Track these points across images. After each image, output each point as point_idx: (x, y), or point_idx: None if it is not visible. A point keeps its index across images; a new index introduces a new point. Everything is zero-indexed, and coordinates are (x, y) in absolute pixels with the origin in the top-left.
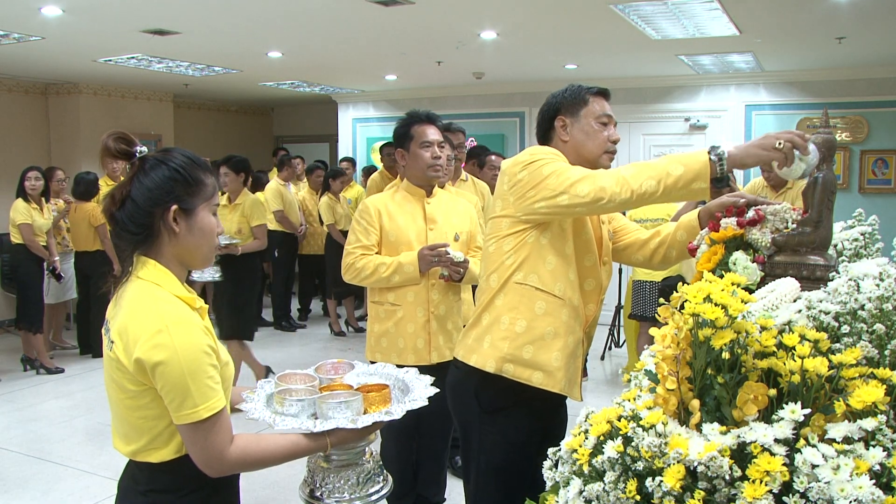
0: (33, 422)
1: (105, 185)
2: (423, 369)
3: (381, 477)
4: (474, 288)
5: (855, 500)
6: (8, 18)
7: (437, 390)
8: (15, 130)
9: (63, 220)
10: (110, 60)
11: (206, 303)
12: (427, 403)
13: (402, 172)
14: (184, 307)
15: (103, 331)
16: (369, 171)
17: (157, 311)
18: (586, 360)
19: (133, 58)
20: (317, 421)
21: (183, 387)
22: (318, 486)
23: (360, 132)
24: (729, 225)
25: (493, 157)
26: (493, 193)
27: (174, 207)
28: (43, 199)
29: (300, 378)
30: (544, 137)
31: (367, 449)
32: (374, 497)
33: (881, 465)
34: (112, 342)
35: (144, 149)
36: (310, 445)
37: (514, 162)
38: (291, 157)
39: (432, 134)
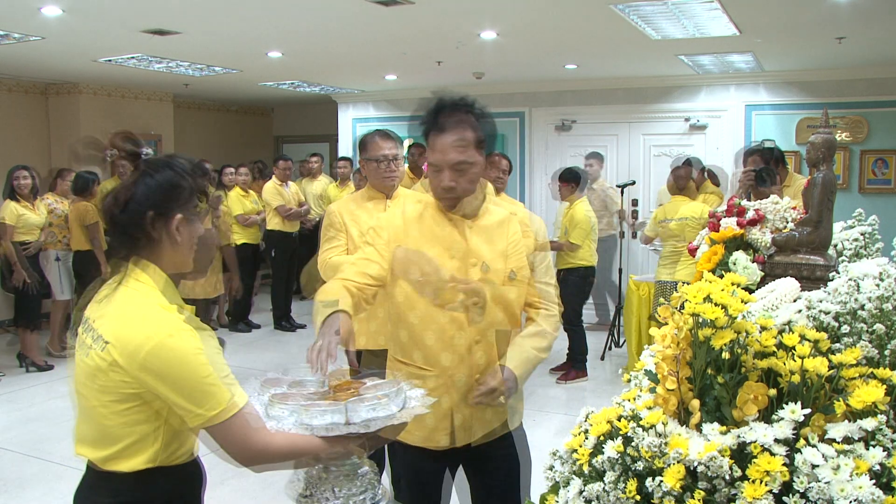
0: (33, 422)
1: (110, 185)
2: None
3: (379, 489)
4: None
5: (855, 500)
6: (8, 18)
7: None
8: (15, 130)
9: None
10: (110, 60)
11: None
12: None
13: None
14: (178, 315)
15: (80, 330)
16: None
17: (158, 317)
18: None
19: (133, 58)
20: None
21: (197, 389)
22: (312, 492)
23: (360, 132)
24: (729, 225)
25: (497, 158)
26: (497, 194)
27: (178, 216)
28: (33, 196)
29: (287, 383)
30: None
31: (362, 461)
32: None
33: (881, 465)
34: (107, 343)
35: (150, 151)
36: (343, 446)
37: None
38: (285, 158)
39: None
